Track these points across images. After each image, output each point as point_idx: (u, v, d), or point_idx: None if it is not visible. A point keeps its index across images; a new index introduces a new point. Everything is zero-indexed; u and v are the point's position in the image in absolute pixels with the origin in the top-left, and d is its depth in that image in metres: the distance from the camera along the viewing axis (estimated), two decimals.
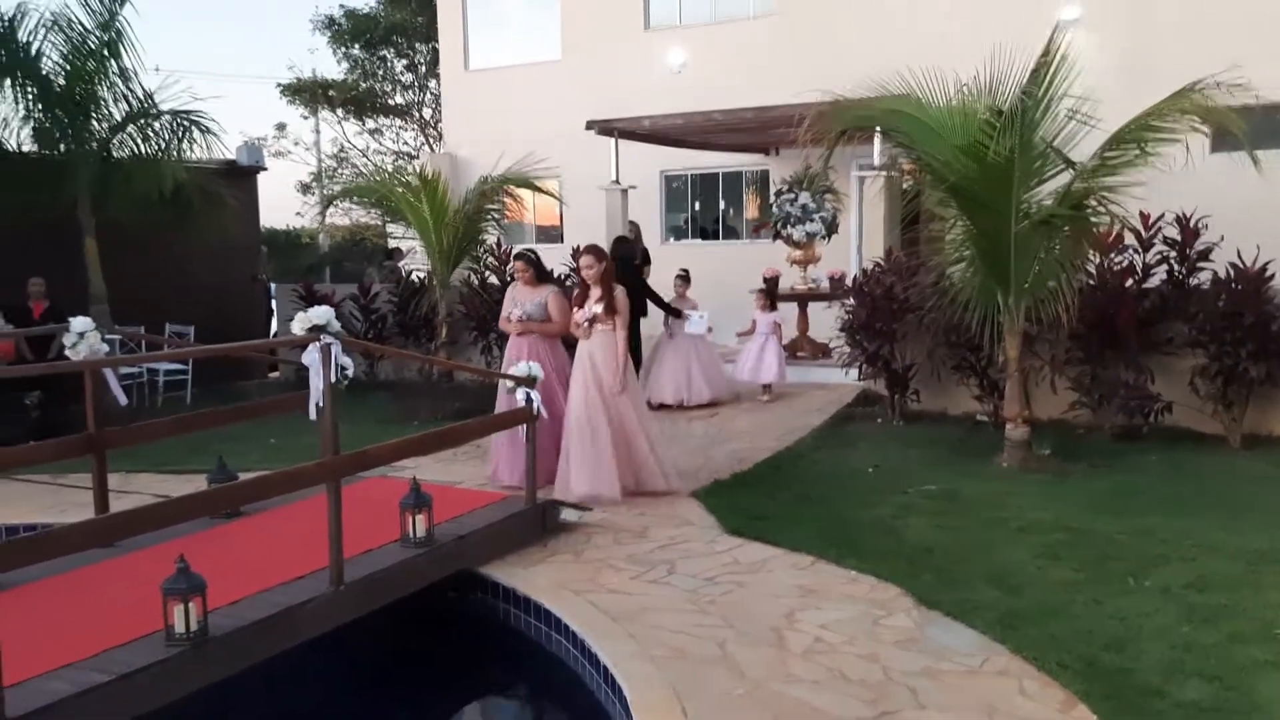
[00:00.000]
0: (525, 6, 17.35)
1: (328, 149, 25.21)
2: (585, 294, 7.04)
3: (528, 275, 7.44)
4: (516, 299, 7.43)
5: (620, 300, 6.96)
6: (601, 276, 6.98)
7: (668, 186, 15.96)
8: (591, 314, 6.92)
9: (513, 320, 7.36)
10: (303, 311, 4.71)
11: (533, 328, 7.31)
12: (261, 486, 4.60)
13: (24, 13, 10.85)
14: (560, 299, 7.34)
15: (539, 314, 7.30)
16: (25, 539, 3.85)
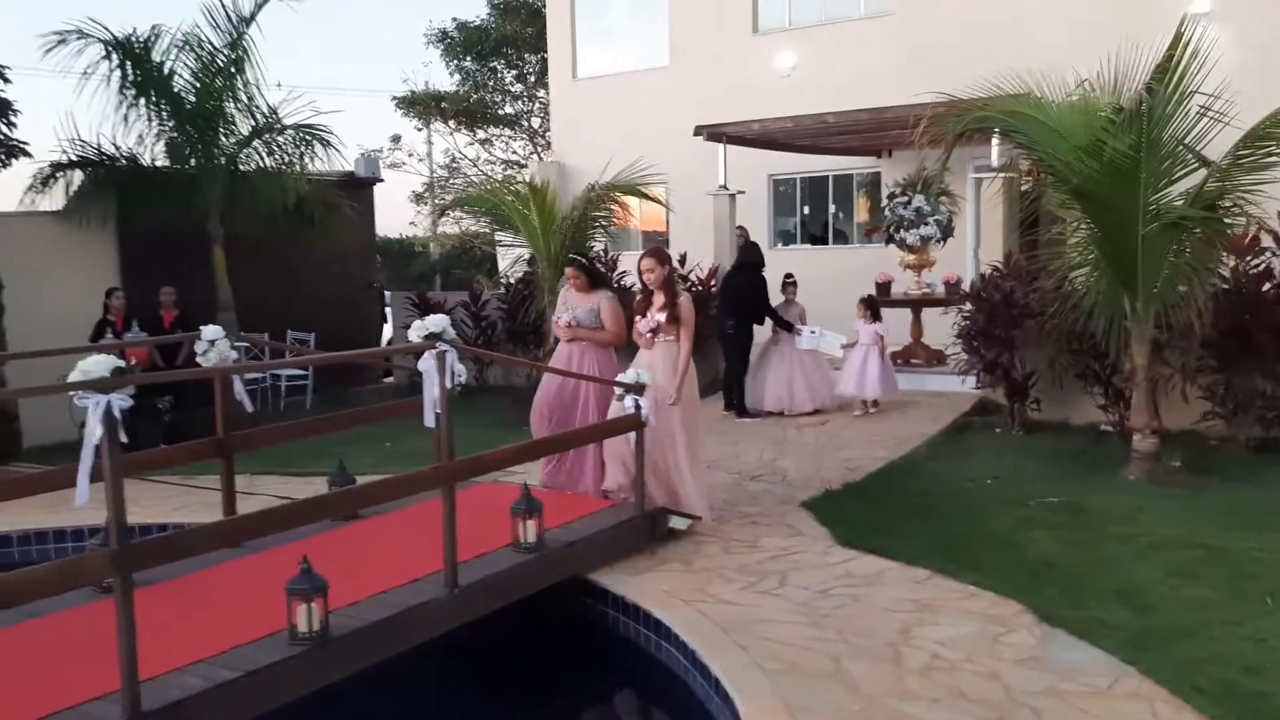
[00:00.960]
0: (633, 14, 17.44)
1: (440, 159, 25.79)
2: (648, 301, 6.62)
3: (579, 282, 6.92)
4: (567, 303, 6.97)
5: (685, 309, 6.50)
6: (665, 282, 6.58)
7: (775, 190, 15.83)
8: (655, 323, 6.51)
9: (561, 324, 6.92)
10: (419, 320, 4.81)
11: (582, 334, 6.80)
12: (380, 491, 4.69)
13: (158, 34, 11.39)
14: (615, 305, 6.82)
15: (590, 320, 6.79)
16: (161, 539, 4.01)
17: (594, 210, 11.05)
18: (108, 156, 11.72)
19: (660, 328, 6.50)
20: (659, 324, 6.49)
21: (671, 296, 6.51)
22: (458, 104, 22.79)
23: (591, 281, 6.95)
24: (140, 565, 3.55)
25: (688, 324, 6.50)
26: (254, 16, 11.66)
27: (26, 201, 11.49)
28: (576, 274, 6.93)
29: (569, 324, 6.80)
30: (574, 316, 6.80)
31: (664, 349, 6.52)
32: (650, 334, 6.56)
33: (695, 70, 15.61)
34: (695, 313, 6.64)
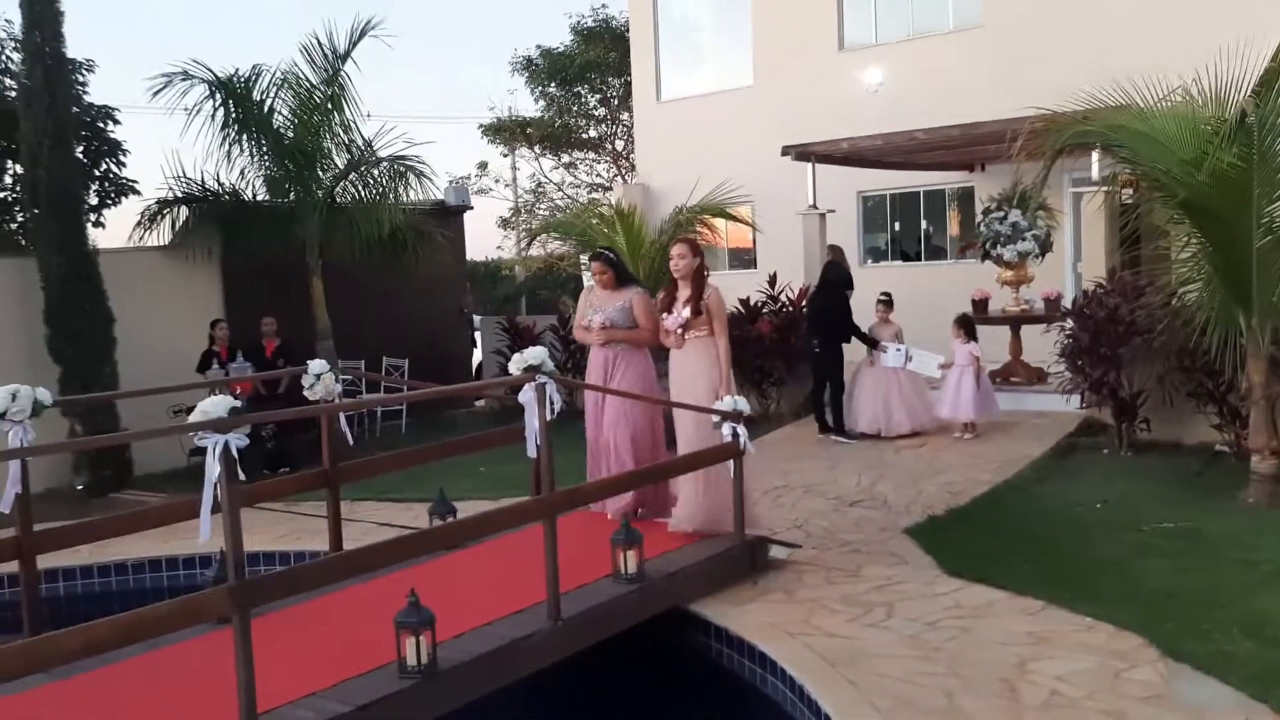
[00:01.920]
0: (716, 35, 17.46)
1: (525, 184, 26.13)
2: (672, 296, 6.20)
3: (606, 277, 6.38)
4: (594, 304, 6.44)
5: (714, 301, 6.08)
6: (693, 272, 6.11)
7: (865, 207, 15.63)
8: (683, 319, 6.08)
9: (593, 328, 6.34)
10: (517, 353, 4.84)
11: (618, 335, 6.28)
12: (484, 523, 4.72)
13: (259, 73, 11.76)
14: (647, 300, 6.36)
15: (623, 320, 6.29)
16: (278, 575, 4.09)
17: (681, 232, 11.03)
18: (211, 192, 12.12)
19: (688, 323, 6.09)
20: (686, 319, 6.08)
21: (698, 288, 6.09)
22: (543, 129, 23.07)
23: (619, 277, 6.44)
24: (257, 601, 3.62)
25: (719, 316, 6.10)
26: (349, 53, 11.96)
27: (135, 238, 11.92)
28: (604, 268, 6.39)
29: (603, 325, 6.31)
30: (606, 318, 6.32)
31: (697, 346, 6.13)
32: (680, 331, 6.11)
33: (780, 89, 15.53)
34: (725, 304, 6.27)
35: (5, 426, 4.39)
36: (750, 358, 10.96)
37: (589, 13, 22.26)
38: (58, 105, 10.17)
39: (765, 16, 15.95)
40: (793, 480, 8.39)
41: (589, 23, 22.12)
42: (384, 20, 11.94)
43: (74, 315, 10.06)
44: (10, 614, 6.28)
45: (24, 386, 4.51)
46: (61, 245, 10.11)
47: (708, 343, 6.11)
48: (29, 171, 10.33)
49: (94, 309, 10.21)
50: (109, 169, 13.04)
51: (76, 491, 9.96)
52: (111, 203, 13.01)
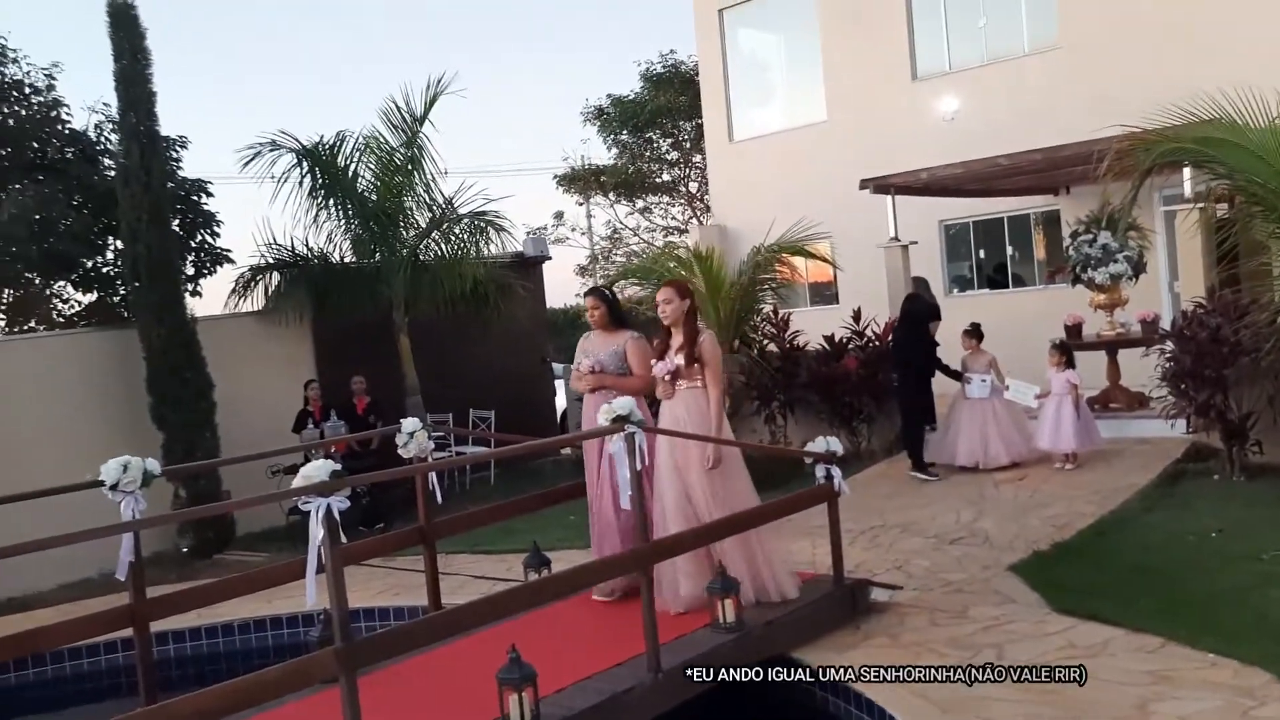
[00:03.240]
0: (788, 73, 17.50)
1: (601, 230, 26.39)
2: (666, 342, 5.77)
3: (599, 313, 6.02)
4: (587, 348, 6.09)
5: (707, 348, 5.63)
6: (684, 317, 5.69)
7: (947, 236, 15.41)
8: (674, 366, 5.65)
9: (582, 370, 5.97)
10: (606, 404, 4.85)
11: (608, 381, 5.86)
12: (583, 576, 4.71)
13: (342, 140, 12.12)
14: (642, 345, 5.93)
15: (615, 365, 5.93)
16: (382, 635, 4.13)
17: (761, 273, 10.99)
18: (301, 257, 12.47)
19: (679, 371, 5.66)
20: (678, 367, 5.65)
21: (691, 334, 5.67)
22: (616, 176, 23.32)
23: (614, 317, 6.06)
24: (364, 663, 3.65)
25: (711, 365, 5.64)
26: (426, 115, 12.26)
27: (231, 304, 12.32)
28: (596, 303, 6.06)
29: (591, 370, 5.94)
30: (596, 362, 5.96)
31: (687, 397, 5.66)
32: (668, 378, 5.69)
33: (855, 122, 15.46)
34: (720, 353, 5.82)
35: (117, 497, 4.53)
36: (838, 395, 10.82)
37: (658, 59, 22.54)
38: (154, 182, 10.58)
39: (836, 51, 15.94)
40: (889, 519, 8.22)
41: (658, 69, 22.37)
42: (456, 76, 12.26)
43: (175, 383, 10.39)
44: (124, 679, 6.48)
45: (134, 458, 4.65)
46: (161, 316, 10.47)
47: (700, 394, 5.67)
48: (129, 246, 10.76)
49: (194, 376, 10.54)
50: (204, 239, 13.49)
51: (182, 554, 10.23)
52: (207, 272, 13.45)
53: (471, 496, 11.78)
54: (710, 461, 5.50)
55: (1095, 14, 13.33)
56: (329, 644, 3.75)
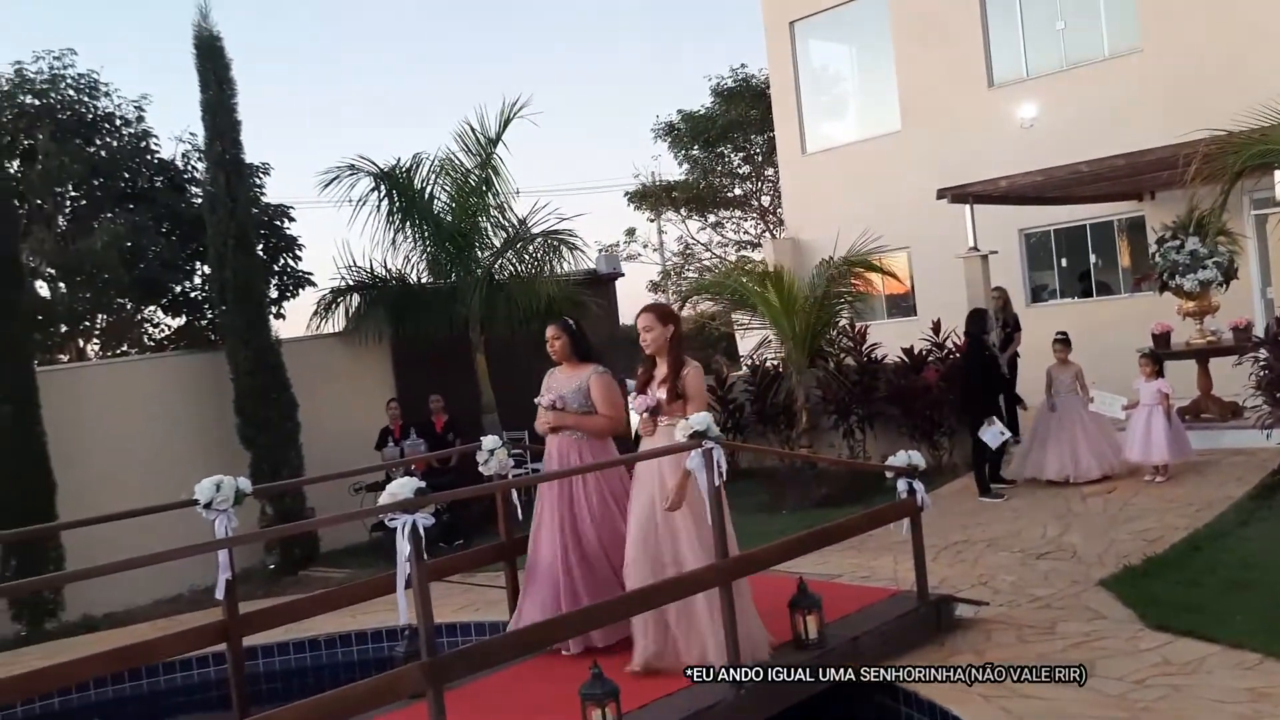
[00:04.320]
0: (860, 83, 17.39)
1: (673, 246, 26.42)
2: (650, 373, 5.24)
3: (560, 344, 5.51)
4: (550, 385, 5.60)
5: (691, 381, 5.07)
6: (668, 346, 5.16)
7: (1027, 244, 15.11)
8: (654, 401, 5.07)
9: (543, 407, 5.49)
10: (682, 419, 4.84)
11: (568, 420, 5.36)
12: (660, 593, 4.70)
13: (418, 163, 12.35)
14: (606, 381, 5.40)
15: (578, 403, 5.40)
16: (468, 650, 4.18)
17: (837, 286, 10.90)
18: (380, 278, 12.70)
19: (661, 406, 5.06)
20: (659, 401, 5.06)
21: (675, 365, 5.12)
22: (687, 192, 23.34)
23: (577, 348, 5.55)
24: (450, 677, 3.70)
25: (696, 400, 5.06)
26: (499, 137, 12.42)
27: (313, 326, 12.60)
28: (557, 334, 5.54)
29: (550, 406, 5.45)
30: (559, 398, 5.47)
31: (670, 435, 4.91)
32: (647, 415, 5.09)
33: (930, 131, 15.29)
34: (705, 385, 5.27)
35: (211, 515, 4.66)
36: (918, 408, 10.67)
37: (728, 73, 22.54)
38: (239, 208, 10.89)
39: (909, 60, 15.79)
40: (973, 534, 8.07)
41: (729, 83, 22.38)
42: (529, 99, 12.37)
43: (261, 404, 10.66)
44: (215, 692, 6.64)
45: (226, 477, 4.79)
46: (247, 338, 10.75)
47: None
48: (216, 271, 11.08)
49: (279, 396, 10.80)
50: (286, 263, 13.87)
51: (268, 570, 10.46)
52: (290, 295, 13.82)
53: None
54: (669, 501, 4.88)
55: (1178, 15, 13.01)
56: (415, 659, 3.81)
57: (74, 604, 9.36)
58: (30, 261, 11.34)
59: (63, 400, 9.91)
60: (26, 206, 11.82)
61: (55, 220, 12.53)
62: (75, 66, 12.81)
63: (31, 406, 9.48)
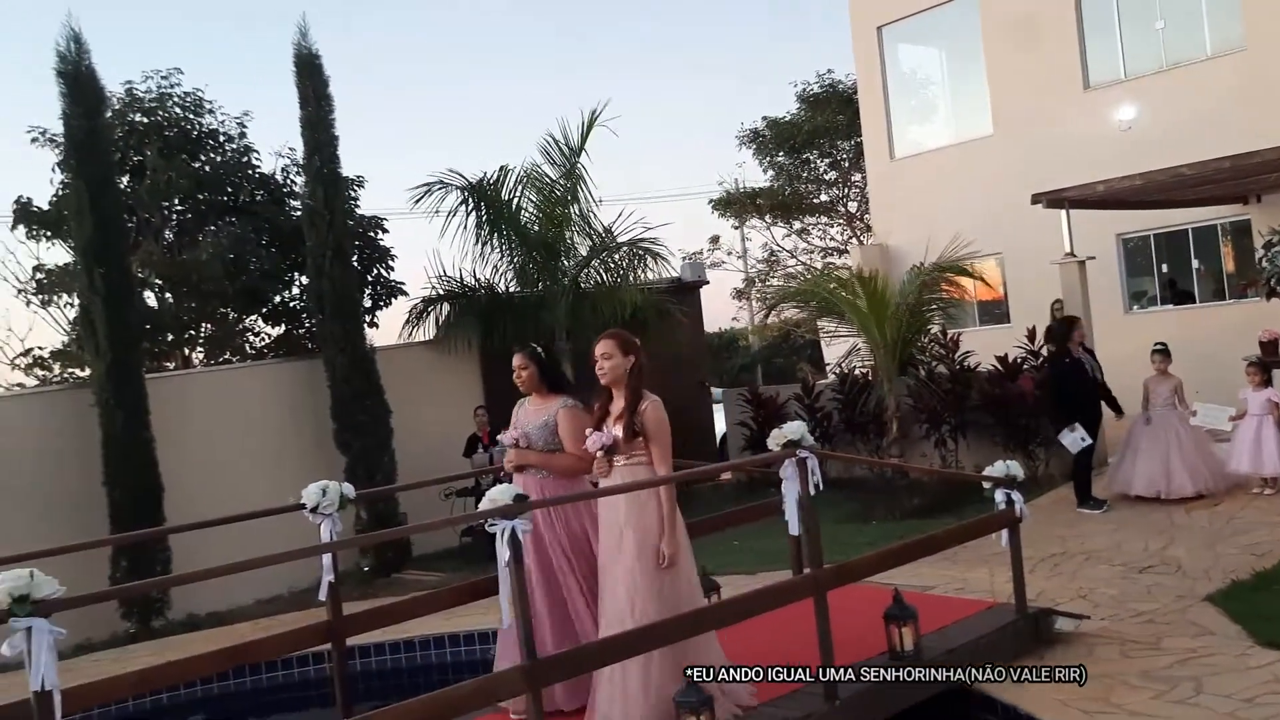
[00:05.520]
0: (950, 87, 17.15)
1: (757, 253, 26.29)
2: (607, 406, 4.73)
3: (527, 374, 5.03)
4: (517, 419, 5.09)
5: (650, 417, 4.56)
6: (627, 378, 4.64)
7: (1125, 250, 14.70)
8: (608, 440, 4.58)
9: (505, 443, 5.02)
10: (776, 427, 4.84)
11: (532, 459, 4.87)
12: (752, 602, 4.70)
13: (505, 173, 12.53)
14: (574, 416, 4.86)
15: (543, 440, 4.90)
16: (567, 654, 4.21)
17: (928, 293, 10.76)
18: (469, 288, 12.92)
19: (617, 444, 4.57)
20: (615, 439, 4.58)
21: (633, 399, 4.60)
22: (773, 198, 23.22)
23: (545, 378, 5.05)
24: (549, 680, 3.75)
25: (657, 438, 4.56)
26: (583, 146, 12.54)
27: (405, 335, 12.88)
28: (525, 363, 5.04)
29: (513, 443, 4.95)
30: (522, 434, 4.96)
31: (629, 477, 4.55)
32: (601, 453, 4.60)
33: (1023, 135, 14.99)
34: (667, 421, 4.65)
35: (316, 519, 4.80)
36: (1012, 417, 10.47)
37: (814, 79, 22.39)
38: (336, 220, 11.20)
39: (1001, 63, 15.52)
40: (1071, 547, 7.88)
41: (815, 89, 22.24)
42: (608, 105, 12.47)
43: (356, 410, 10.94)
44: (314, 691, 6.82)
45: (332, 482, 4.92)
46: (343, 346, 11.05)
47: (644, 471, 4.57)
48: (314, 281, 11.40)
49: (373, 403, 11.06)
50: (380, 273, 14.18)
51: (363, 573, 10.70)
52: (383, 304, 14.10)
53: None
54: (665, 559, 4.43)
55: None
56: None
57: (179, 603, 9.72)
58: (139, 272, 11.78)
59: (170, 406, 10.29)
60: (136, 220, 12.28)
61: (163, 233, 13.00)
62: (181, 85, 13.29)
63: (141, 412, 9.86)
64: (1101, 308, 12.13)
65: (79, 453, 9.77)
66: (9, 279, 12.94)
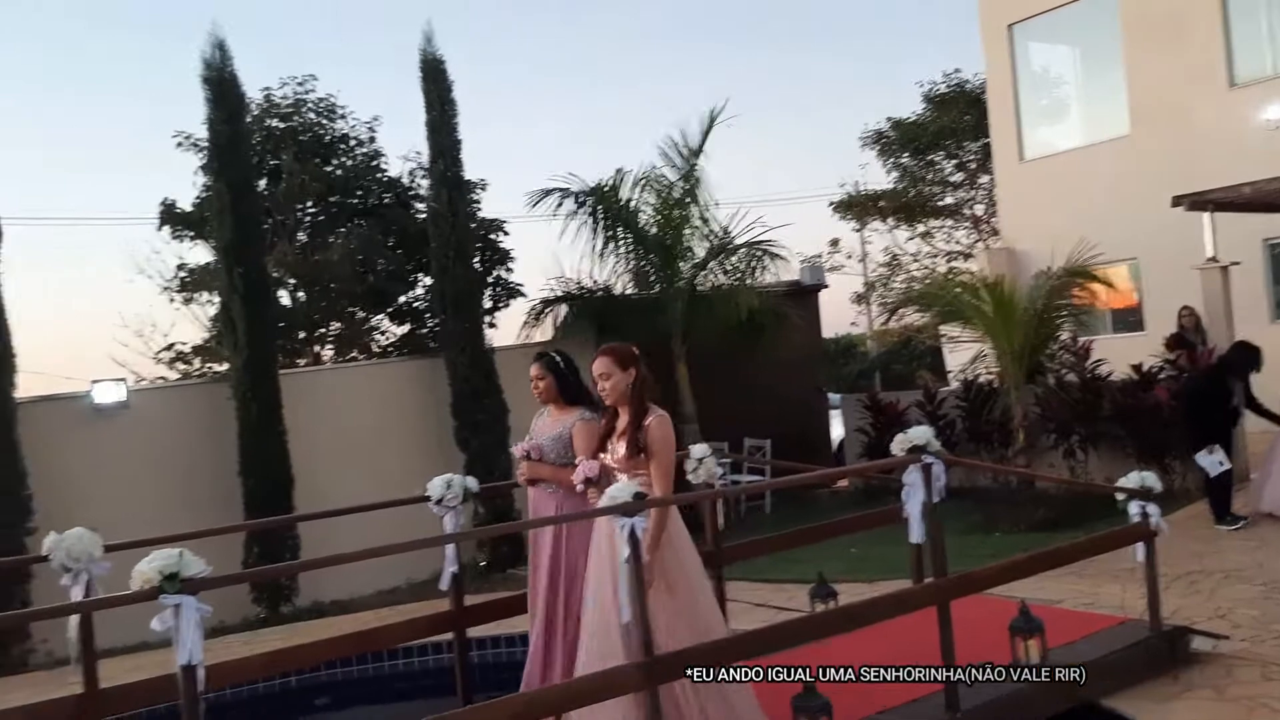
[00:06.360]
0: (1085, 86, 16.58)
1: (878, 257, 25.87)
2: (612, 424, 4.50)
3: (544, 384, 4.80)
4: (534, 430, 4.90)
5: (655, 434, 4.30)
6: (629, 393, 4.40)
7: (1272, 255, 13.96)
8: (594, 473, 4.39)
9: (516, 455, 4.86)
10: (901, 432, 4.74)
11: (543, 472, 4.69)
12: (873, 608, 4.62)
13: (622, 176, 12.63)
14: (590, 429, 4.62)
15: (557, 452, 4.70)
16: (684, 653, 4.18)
17: (1058, 298, 10.39)
18: (586, 289, 13.05)
19: (621, 463, 4.33)
20: (620, 458, 4.33)
21: (637, 415, 4.37)
22: (895, 201, 22.84)
23: (565, 390, 4.79)
24: (666, 678, 3.75)
25: (659, 456, 4.30)
26: (702, 147, 12.55)
27: (522, 335, 13.10)
28: (541, 373, 4.81)
29: (524, 456, 4.76)
30: (534, 446, 4.77)
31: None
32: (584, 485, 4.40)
33: (1162, 135, 14.38)
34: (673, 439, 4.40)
35: (441, 511, 4.91)
36: (1146, 429, 10.03)
37: (941, 79, 21.95)
38: (459, 223, 11.48)
39: (1140, 61, 14.92)
40: (1208, 564, 7.51)
41: (942, 89, 21.79)
42: (727, 106, 12.46)
43: (475, 408, 11.17)
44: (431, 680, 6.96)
45: (456, 475, 5.04)
46: (464, 346, 11.31)
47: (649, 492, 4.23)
48: (437, 282, 11.71)
49: (491, 402, 11.29)
50: (499, 275, 14.47)
51: (479, 567, 10.91)
52: (502, 305, 14.42)
53: (747, 526, 11.82)
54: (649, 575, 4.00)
55: None
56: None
57: (306, 591, 10.08)
58: (274, 272, 12.29)
59: (300, 401, 10.69)
60: (271, 221, 12.82)
61: (296, 234, 13.54)
62: (315, 91, 13.83)
63: (275, 406, 10.28)
64: (1244, 316, 11.53)
65: (217, 443, 10.24)
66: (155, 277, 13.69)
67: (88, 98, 35.06)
